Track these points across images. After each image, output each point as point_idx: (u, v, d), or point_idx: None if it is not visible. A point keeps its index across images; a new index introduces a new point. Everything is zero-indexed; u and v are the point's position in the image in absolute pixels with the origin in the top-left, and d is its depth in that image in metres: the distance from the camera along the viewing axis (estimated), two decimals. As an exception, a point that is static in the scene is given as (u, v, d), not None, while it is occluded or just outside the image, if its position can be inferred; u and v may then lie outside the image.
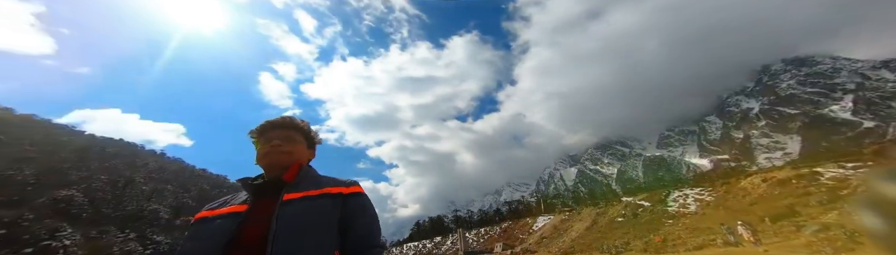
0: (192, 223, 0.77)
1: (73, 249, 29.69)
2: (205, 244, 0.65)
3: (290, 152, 0.85)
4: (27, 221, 28.74)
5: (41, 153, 47.69)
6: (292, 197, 0.74)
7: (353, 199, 0.83)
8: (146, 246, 43.00)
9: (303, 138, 0.92)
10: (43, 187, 39.68)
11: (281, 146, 0.83)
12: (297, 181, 0.80)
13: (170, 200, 64.08)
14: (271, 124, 0.89)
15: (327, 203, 0.77)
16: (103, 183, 50.82)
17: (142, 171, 67.26)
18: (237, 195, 0.83)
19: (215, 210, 0.78)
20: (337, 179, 0.88)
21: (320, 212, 0.74)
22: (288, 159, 0.84)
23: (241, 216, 0.71)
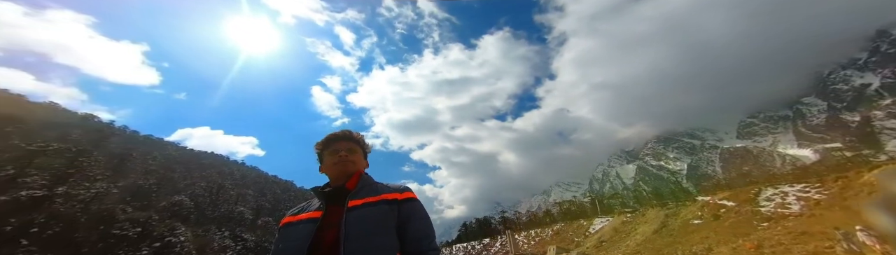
0: (279, 227, 0.91)
1: (186, 244, 36.19)
2: (293, 245, 0.77)
3: (355, 162, 0.97)
4: (154, 221, 35.80)
5: (159, 166, 58.86)
6: (355, 204, 0.83)
7: (407, 204, 0.89)
8: (237, 243, 50.18)
9: (360, 148, 1.03)
10: (162, 193, 48.98)
11: (348, 156, 0.95)
12: (358, 189, 0.88)
13: (251, 203, 73.86)
14: (335, 137, 1.03)
15: (385, 208, 0.84)
16: (202, 189, 60.69)
17: (229, 178, 78.65)
18: (311, 203, 0.95)
19: (296, 216, 0.90)
20: (391, 185, 0.97)
21: (380, 217, 0.81)
22: (353, 168, 0.95)
23: (317, 221, 0.81)
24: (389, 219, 0.83)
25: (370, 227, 0.78)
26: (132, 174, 48.48)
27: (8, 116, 37.99)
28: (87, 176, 35.32)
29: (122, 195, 41.00)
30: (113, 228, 31.67)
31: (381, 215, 0.82)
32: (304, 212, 0.89)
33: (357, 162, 0.97)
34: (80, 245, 26.91)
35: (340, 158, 0.94)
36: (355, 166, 0.96)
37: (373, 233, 0.77)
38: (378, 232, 0.78)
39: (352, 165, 0.95)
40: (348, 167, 0.94)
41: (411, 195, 0.93)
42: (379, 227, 0.80)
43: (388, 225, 0.82)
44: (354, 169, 0.95)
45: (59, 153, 33.73)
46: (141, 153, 58.15)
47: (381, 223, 0.81)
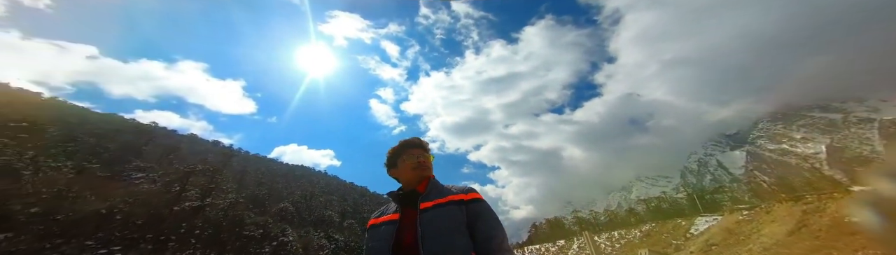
0: (367, 228, 1.01)
1: (294, 243, 43.16)
2: (379, 245, 0.87)
3: (430, 167, 1.05)
4: (270, 224, 43.61)
5: (267, 179, 71.36)
6: (427, 206, 0.90)
7: (473, 205, 0.93)
8: (331, 242, 57.57)
9: (430, 155, 1.11)
10: (272, 201, 59.29)
11: (426, 162, 1.04)
12: (427, 192, 0.95)
13: (337, 207, 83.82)
14: (412, 144, 1.12)
15: (454, 209, 0.89)
16: (299, 197, 71.35)
17: (317, 187, 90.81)
18: (389, 206, 1.03)
19: (378, 218, 1.00)
20: (457, 186, 1.01)
21: (450, 217, 0.87)
22: (428, 173, 1.03)
23: (396, 222, 0.90)
24: (459, 219, 0.88)
25: (443, 227, 0.83)
26: (250, 186, 59.86)
27: (171, 147, 50.99)
28: (222, 189, 45.00)
29: (246, 204, 50.96)
30: (244, 230, 39.80)
31: (451, 215, 0.87)
32: (384, 215, 0.99)
33: (431, 167, 1.05)
34: (225, 244, 34.49)
35: (420, 164, 1.05)
36: (429, 170, 1.04)
37: (446, 233, 0.82)
38: (451, 232, 0.83)
39: (428, 170, 1.04)
40: (426, 172, 1.03)
41: (477, 196, 0.96)
42: (451, 227, 0.84)
43: (459, 225, 0.86)
44: (429, 174, 1.03)
45: (203, 173, 43.89)
46: (253, 169, 71.35)
47: (452, 223, 0.86)
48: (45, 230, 21.57)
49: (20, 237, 20.24)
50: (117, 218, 26.59)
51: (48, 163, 31.37)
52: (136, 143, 49.27)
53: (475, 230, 0.88)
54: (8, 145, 25.52)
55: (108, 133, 48.08)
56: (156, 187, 35.81)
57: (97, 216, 25.36)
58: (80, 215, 24.37)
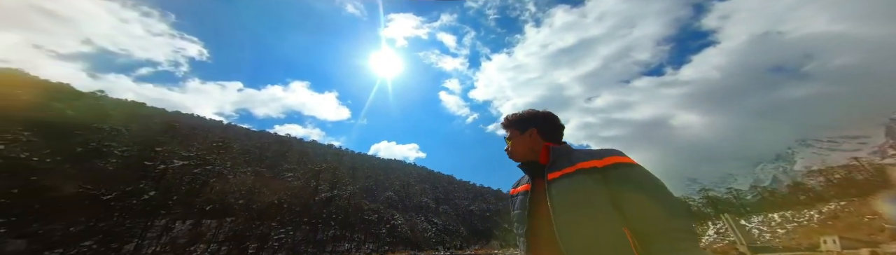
0: (510, 196, 0.96)
1: (403, 226, 50.38)
2: (518, 214, 0.83)
3: (510, 151, 0.95)
4: (382, 210, 51.78)
5: (372, 173, 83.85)
6: (554, 176, 0.76)
7: (612, 171, 0.71)
8: (431, 225, 64.84)
9: (517, 131, 0.95)
10: (379, 191, 69.87)
11: (507, 148, 0.96)
12: (552, 161, 0.82)
13: (430, 194, 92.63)
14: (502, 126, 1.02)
15: (584, 179, 0.71)
16: (399, 186, 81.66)
17: (411, 177, 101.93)
18: (526, 176, 0.93)
19: (516, 188, 0.94)
20: (591, 151, 0.80)
21: (580, 189, 0.70)
22: (512, 155, 0.94)
23: (528, 193, 0.83)
24: (593, 190, 0.68)
25: (572, 200, 0.70)
26: (361, 179, 71.54)
27: (302, 152, 64.83)
28: (343, 183, 55.33)
29: (361, 194, 61.51)
30: (364, 214, 48.55)
31: (580, 186, 0.70)
32: (520, 185, 0.93)
33: (514, 149, 0.94)
34: (354, 226, 42.90)
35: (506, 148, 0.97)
36: (512, 153, 0.94)
37: (577, 206, 0.68)
38: (583, 205, 0.67)
39: (510, 154, 0.95)
40: (510, 156, 0.95)
41: (617, 160, 0.73)
42: (582, 200, 0.68)
43: (593, 197, 0.67)
44: (516, 155, 0.93)
45: (327, 170, 54.80)
46: (360, 165, 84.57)
47: (583, 195, 0.69)
48: (248, 215, 31.22)
49: (237, 220, 29.87)
50: (284, 206, 36.24)
51: (238, 168, 44.50)
52: (281, 150, 64.83)
53: (622, 204, 0.67)
54: (215, 158, 37.31)
55: (264, 145, 64.78)
56: (300, 183, 46.92)
57: (272, 205, 35.13)
58: (264, 205, 34.20)
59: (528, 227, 0.78)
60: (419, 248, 44.26)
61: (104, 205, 22.36)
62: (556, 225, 0.67)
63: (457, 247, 57.43)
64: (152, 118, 54.34)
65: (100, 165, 29.90)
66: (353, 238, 40.15)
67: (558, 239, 0.66)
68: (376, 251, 36.94)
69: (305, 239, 33.05)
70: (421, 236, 52.76)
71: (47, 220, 19.14)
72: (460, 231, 69.28)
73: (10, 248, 16.43)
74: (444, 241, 57.45)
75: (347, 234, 40.09)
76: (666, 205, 0.64)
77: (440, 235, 59.10)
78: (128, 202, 23.71)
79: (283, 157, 63.14)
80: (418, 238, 50.75)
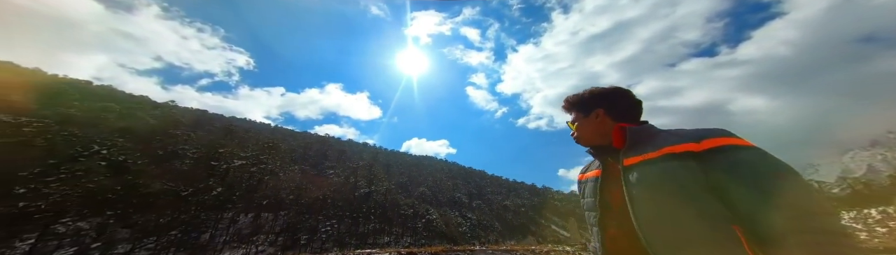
0: (578, 181, 0.82)
1: (438, 220, 51.73)
2: (588, 201, 0.71)
3: (576, 136, 0.80)
4: (416, 205, 53.49)
5: (405, 169, 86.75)
6: (632, 162, 0.62)
7: (715, 156, 0.53)
8: (466, 220, 65.75)
9: (581, 113, 0.79)
10: (413, 186, 72.15)
11: (573, 133, 0.82)
12: (629, 145, 0.66)
13: (463, 190, 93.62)
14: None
15: (673, 166, 0.56)
16: (431, 182, 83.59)
17: (443, 172, 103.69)
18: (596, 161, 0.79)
19: (585, 174, 0.80)
20: (684, 132, 0.61)
21: (667, 177, 0.55)
22: (578, 141, 0.80)
23: (598, 180, 0.71)
24: (685, 179, 0.53)
25: (655, 190, 0.56)
26: (395, 176, 74.37)
27: (340, 150, 68.81)
28: (379, 179, 58.07)
29: (396, 189, 64.08)
30: (400, 209, 50.69)
31: (668, 174, 0.55)
32: (589, 170, 0.80)
33: (580, 134, 0.79)
34: (392, 220, 45.02)
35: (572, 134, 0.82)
36: (579, 138, 0.79)
37: (661, 197, 0.54)
38: (670, 197, 0.53)
39: (577, 139, 0.80)
40: (577, 141, 0.80)
41: (721, 142, 0.55)
42: (669, 190, 0.54)
43: (685, 188, 0.53)
44: (584, 140, 0.78)
45: (364, 167, 57.81)
46: (394, 162, 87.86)
47: (670, 185, 0.54)
48: (298, 209, 34.23)
49: (289, 213, 32.89)
50: (328, 201, 39.12)
51: (287, 167, 48.70)
52: (322, 149, 69.58)
53: (729, 194, 0.51)
54: (267, 157, 41.19)
55: (307, 144, 70.04)
56: (341, 180, 50.13)
57: (318, 200, 38.11)
58: (311, 200, 37.22)
59: (601, 217, 0.67)
60: (455, 242, 45.31)
61: (183, 200, 25.97)
62: (636, 219, 0.55)
63: (492, 242, 57.75)
64: (213, 123, 61.25)
65: (177, 165, 34.63)
66: (392, 232, 42.22)
67: (640, 235, 0.54)
68: (414, 244, 38.56)
69: (349, 232, 35.46)
70: (456, 230, 53.81)
71: (143, 213, 22.75)
72: (495, 226, 69.47)
73: (119, 236, 19.89)
74: (478, 236, 58.03)
75: (386, 227, 42.22)
76: (795, 198, 0.45)
77: (475, 230, 59.71)
78: (201, 198, 27.28)
79: (324, 155, 67.72)
80: (453, 233, 51.87)
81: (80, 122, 35.44)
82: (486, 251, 36.53)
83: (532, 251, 38.64)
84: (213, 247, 23.45)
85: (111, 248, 18.75)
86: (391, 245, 35.76)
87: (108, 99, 49.76)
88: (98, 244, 18.32)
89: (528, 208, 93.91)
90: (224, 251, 23.49)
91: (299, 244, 28.07)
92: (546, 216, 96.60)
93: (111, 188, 23.06)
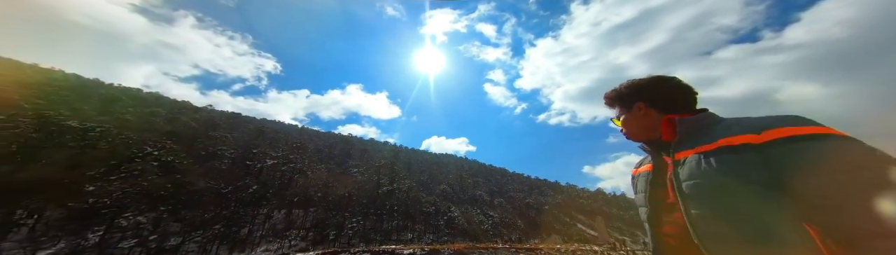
0: (632, 177, 0.77)
1: (460, 218, 52.04)
2: (639, 198, 0.69)
3: (625, 132, 0.74)
4: (438, 203, 54.10)
5: (425, 167, 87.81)
6: (683, 156, 0.56)
7: (778, 149, 0.45)
8: (487, 218, 65.59)
9: (622, 106, 0.73)
10: (433, 184, 72.93)
11: (621, 130, 0.75)
12: (682, 138, 0.59)
13: (483, 187, 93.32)
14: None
15: (728, 160, 0.48)
16: (452, 180, 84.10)
17: (463, 170, 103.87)
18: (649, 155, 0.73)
19: (638, 169, 0.76)
20: (746, 122, 0.52)
21: (719, 171, 0.48)
22: (628, 136, 0.74)
23: (649, 175, 0.67)
24: (744, 172, 0.46)
25: (708, 186, 0.49)
26: (416, 173, 75.55)
27: (363, 149, 70.85)
28: (400, 177, 59.29)
29: (418, 187, 65.11)
30: (422, 206, 51.53)
31: (722, 169, 0.48)
32: (642, 165, 0.74)
33: (628, 130, 0.73)
34: (414, 217, 45.90)
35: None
36: (628, 133, 0.73)
37: (716, 193, 0.48)
38: (724, 194, 0.47)
39: (626, 135, 0.74)
40: (628, 137, 0.74)
41: (789, 133, 0.46)
42: (722, 187, 0.47)
43: (741, 184, 0.45)
44: (631, 138, 0.73)
45: (386, 166, 59.26)
46: (414, 160, 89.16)
47: (724, 180, 0.47)
48: (326, 206, 35.82)
49: (318, 210, 34.53)
50: (353, 199, 40.61)
51: (314, 166, 51.02)
52: (346, 149, 72.10)
53: (799, 193, 0.43)
54: (296, 157, 43.39)
55: (332, 144, 72.91)
56: (364, 178, 51.77)
57: (344, 197, 39.67)
58: (337, 197, 38.82)
59: (651, 213, 0.64)
60: (477, 240, 45.43)
61: (224, 197, 28.09)
62: (687, 216, 0.51)
63: (515, 240, 57.22)
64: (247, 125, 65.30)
65: (216, 165, 37.42)
66: (415, 229, 43.06)
67: (691, 232, 0.50)
68: (436, 242, 39.15)
69: (374, 228, 36.63)
70: (478, 228, 53.88)
71: (190, 209, 24.89)
72: (518, 224, 68.76)
73: (171, 229, 21.94)
74: (501, 234, 57.74)
75: (409, 224, 43.12)
76: (874, 196, 0.38)
77: (497, 227, 59.43)
78: (239, 195, 29.35)
79: (348, 154, 70.12)
80: (476, 231, 51.99)
81: (134, 126, 39.17)
82: (510, 249, 35.91)
83: (557, 250, 37.23)
84: (251, 241, 25.22)
85: (165, 240, 20.74)
86: (414, 242, 36.53)
87: (156, 105, 54.63)
88: (155, 237, 20.33)
89: (551, 206, 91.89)
90: (261, 245, 25.19)
91: (328, 240, 29.44)
92: (571, 214, 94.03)
93: (163, 186, 25.41)
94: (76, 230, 18.53)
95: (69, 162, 24.20)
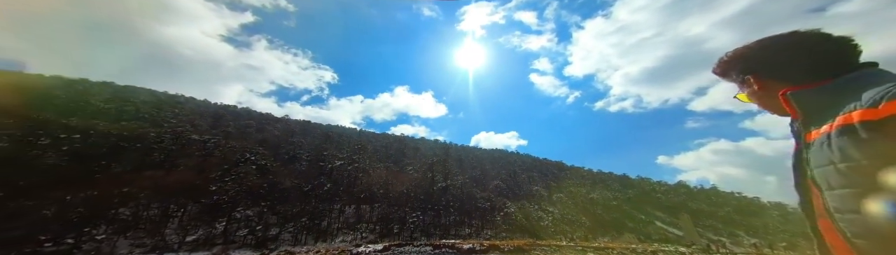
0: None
1: (517, 214, 51.00)
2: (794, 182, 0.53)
3: (761, 106, 0.57)
4: (493, 198, 53.77)
5: (476, 163, 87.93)
6: (812, 137, 0.45)
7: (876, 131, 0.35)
8: (546, 214, 62.87)
9: (738, 80, 0.58)
10: (487, 180, 72.65)
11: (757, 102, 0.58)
12: (806, 116, 0.47)
13: (539, 182, 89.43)
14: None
15: (847, 143, 0.38)
16: (505, 176, 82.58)
17: (516, 165, 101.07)
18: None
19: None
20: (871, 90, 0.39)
21: (843, 157, 0.38)
22: (762, 106, 0.57)
23: (793, 158, 0.51)
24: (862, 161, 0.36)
25: (833, 177, 0.40)
26: (468, 170, 76.17)
27: (415, 148, 74.15)
28: (453, 173, 60.51)
29: (471, 183, 65.70)
30: (477, 202, 51.88)
31: (843, 155, 0.38)
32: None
33: (760, 103, 0.57)
34: (470, 213, 46.53)
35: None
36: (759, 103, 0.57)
37: (844, 187, 0.39)
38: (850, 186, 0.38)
39: (761, 106, 0.58)
40: (764, 107, 0.57)
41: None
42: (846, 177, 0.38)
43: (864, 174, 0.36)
44: (763, 105, 0.57)
45: (438, 163, 61.10)
46: (465, 157, 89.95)
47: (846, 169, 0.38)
48: (388, 202, 38.73)
49: (382, 205, 37.52)
50: (411, 195, 43.05)
51: (374, 165, 55.43)
52: (400, 148, 76.53)
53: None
54: (358, 157, 47.72)
55: (388, 144, 78.21)
56: (419, 175, 54.30)
57: (403, 194, 42.34)
58: (397, 193, 41.62)
59: (804, 203, 0.51)
60: (537, 237, 43.95)
61: (305, 194, 32.57)
62: (827, 210, 0.43)
63: (581, 238, 53.69)
64: (316, 131, 73.99)
65: (297, 166, 43.48)
66: (471, 224, 43.68)
67: (837, 229, 0.42)
68: (495, 237, 39.12)
69: (432, 223, 38.30)
70: (537, 224, 52.05)
71: (282, 204, 29.49)
72: (582, 221, 64.31)
73: (271, 221, 26.39)
74: (564, 231, 54.78)
75: (466, 220, 43.89)
76: None
77: (559, 224, 56.53)
78: (317, 192, 33.69)
79: (403, 153, 74.26)
80: (535, 227, 50.33)
81: (235, 136, 47.77)
82: (575, 247, 33.44)
83: (632, 250, 33.65)
84: (330, 232, 28.81)
85: (267, 230, 25.08)
86: (473, 237, 37.10)
87: (247, 118, 65.84)
88: (259, 227, 24.75)
89: (621, 201, 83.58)
90: (338, 236, 28.61)
91: (393, 233, 31.86)
92: (646, 210, 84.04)
93: (260, 185, 30.61)
94: (208, 221, 23.64)
95: (197, 168, 30.80)
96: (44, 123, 24.33)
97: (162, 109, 45.94)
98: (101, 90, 48.29)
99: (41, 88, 36.08)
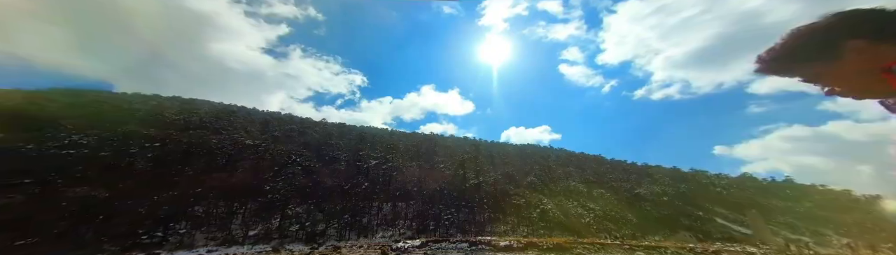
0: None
1: (554, 210, 49.16)
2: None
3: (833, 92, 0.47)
4: (527, 195, 52.40)
5: (508, 159, 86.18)
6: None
7: None
8: (587, 211, 59.69)
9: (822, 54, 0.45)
10: (519, 176, 70.91)
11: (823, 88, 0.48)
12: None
13: (577, 178, 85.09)
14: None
15: None
16: (538, 171, 79.87)
17: (550, 160, 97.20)
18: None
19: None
20: None
21: None
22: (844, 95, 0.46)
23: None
24: None
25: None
26: (500, 166, 74.93)
27: (445, 146, 74.60)
28: (485, 170, 60.02)
29: (504, 179, 64.65)
30: (511, 199, 50.99)
31: None
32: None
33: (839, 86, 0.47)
34: (505, 209, 45.89)
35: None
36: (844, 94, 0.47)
37: None
38: None
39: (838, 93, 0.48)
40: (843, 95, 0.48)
41: None
42: None
43: None
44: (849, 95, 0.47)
45: (470, 160, 61.01)
46: (496, 153, 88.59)
47: None
48: (423, 199, 39.67)
49: (417, 203, 38.54)
50: (444, 192, 43.61)
51: (406, 163, 57.05)
52: (431, 146, 77.72)
53: None
54: (392, 157, 49.37)
55: (418, 143, 79.91)
56: (451, 172, 54.73)
57: (436, 191, 43.05)
58: (431, 191, 42.45)
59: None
60: (578, 234, 41.98)
61: (346, 192, 34.61)
62: None
63: (628, 236, 50.19)
64: (351, 133, 77.86)
65: (337, 167, 46.25)
66: (507, 221, 43.06)
67: None
68: (532, 234, 38.19)
69: (467, 220, 38.46)
70: (577, 222, 49.70)
71: (327, 202, 31.68)
72: (628, 218, 60.02)
73: (317, 218, 28.53)
74: (608, 229, 51.67)
75: (501, 217, 43.37)
76: None
77: (601, 221, 53.44)
78: (356, 190, 35.63)
79: (433, 151, 75.28)
80: (575, 224, 48.13)
81: (282, 140, 52.05)
82: (622, 245, 31.26)
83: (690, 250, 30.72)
84: (371, 228, 30.35)
85: (315, 226, 27.16)
86: (509, 234, 36.59)
87: (290, 123, 71.41)
88: (308, 223, 26.89)
89: (672, 196, 76.51)
90: (378, 232, 30.03)
91: (429, 229, 32.62)
92: (705, 206, 75.76)
93: (307, 185, 33.13)
94: (265, 218, 26.26)
95: (252, 169, 34.15)
96: (130, 134, 28.69)
97: (220, 118, 51.70)
98: (171, 104, 55.71)
99: (126, 104, 42.65)
